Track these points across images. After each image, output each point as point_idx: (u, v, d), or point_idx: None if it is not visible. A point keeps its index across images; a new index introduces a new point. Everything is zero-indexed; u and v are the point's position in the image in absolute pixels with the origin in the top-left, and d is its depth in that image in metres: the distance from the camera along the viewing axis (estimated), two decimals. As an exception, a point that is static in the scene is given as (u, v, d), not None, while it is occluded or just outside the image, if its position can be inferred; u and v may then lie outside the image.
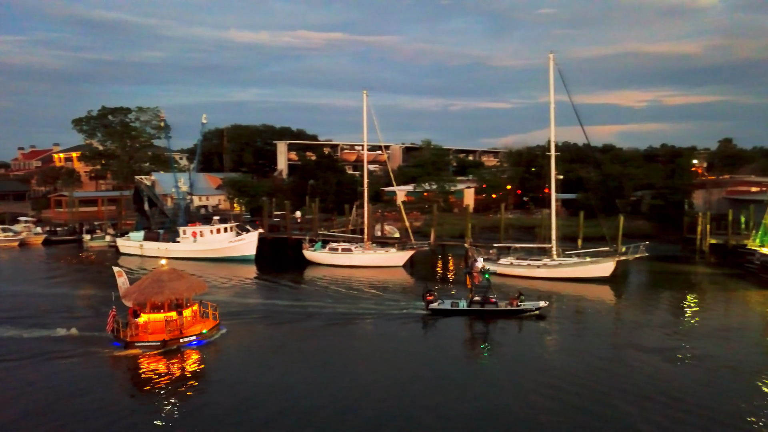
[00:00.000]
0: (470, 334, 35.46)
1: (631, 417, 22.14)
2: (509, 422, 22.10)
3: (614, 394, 24.47)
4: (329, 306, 40.92)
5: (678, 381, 25.94)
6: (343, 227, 71.77)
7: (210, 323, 33.83)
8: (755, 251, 54.30)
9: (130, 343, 30.92)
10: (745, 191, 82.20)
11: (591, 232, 60.58)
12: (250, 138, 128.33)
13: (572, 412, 22.74)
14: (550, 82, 53.12)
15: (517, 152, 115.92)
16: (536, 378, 26.50)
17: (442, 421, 22.09)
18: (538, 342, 33.42)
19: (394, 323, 36.68)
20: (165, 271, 33.02)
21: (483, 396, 24.46)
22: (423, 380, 26.32)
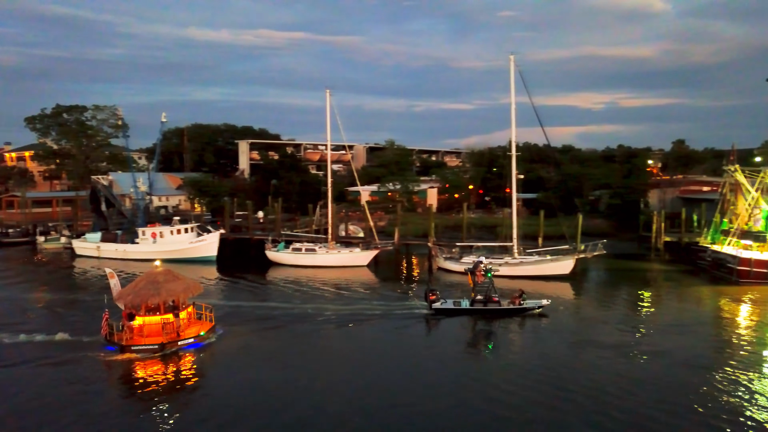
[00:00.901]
0: (473, 334, 35.59)
1: (587, 411, 22.64)
2: (465, 416, 22.35)
3: (572, 389, 24.91)
4: (324, 307, 40.53)
5: (632, 376, 26.51)
6: (306, 227, 71.40)
7: (207, 325, 33.12)
8: (707, 248, 56.26)
9: (126, 347, 30.08)
10: (697, 191, 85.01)
11: (551, 230, 61.80)
12: (211, 137, 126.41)
13: (530, 408, 23.14)
14: (510, 83, 54.03)
15: (479, 153, 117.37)
16: (497, 375, 26.97)
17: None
18: (505, 340, 33.91)
19: (399, 323, 36.73)
20: (160, 272, 32.18)
21: (452, 393, 24.73)
22: (434, 383, 26.23)
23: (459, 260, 55.15)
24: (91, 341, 31.64)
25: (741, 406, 22.96)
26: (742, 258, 49.65)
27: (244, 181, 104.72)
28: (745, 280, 48.61)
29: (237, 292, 47.69)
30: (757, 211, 55.07)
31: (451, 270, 54.85)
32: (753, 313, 39.70)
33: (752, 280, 48.50)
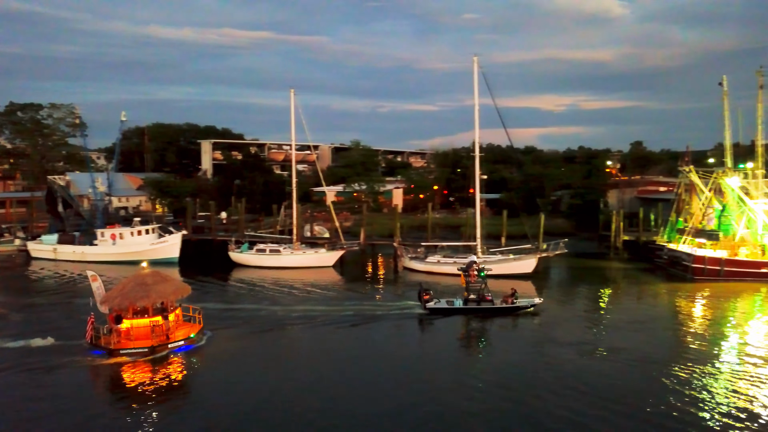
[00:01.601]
0: (466, 332, 35.77)
1: (546, 408, 22.92)
2: (420, 419, 22.46)
3: (532, 387, 25.15)
4: (318, 309, 40.14)
5: (590, 373, 26.90)
6: (271, 228, 70.79)
7: (195, 327, 32.41)
8: (663, 247, 57.94)
9: (114, 351, 29.23)
10: (654, 191, 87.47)
11: (514, 230, 62.79)
12: (173, 137, 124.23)
13: (493, 407, 23.37)
14: (474, 85, 54.66)
15: (444, 154, 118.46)
16: (459, 374, 27.13)
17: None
18: (466, 340, 34.29)
19: (395, 323, 36.73)
20: (147, 273, 31.42)
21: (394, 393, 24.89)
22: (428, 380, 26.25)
23: (424, 260, 55.55)
24: (74, 345, 30.79)
25: (694, 401, 23.56)
26: (696, 256, 51.29)
27: (207, 181, 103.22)
28: (700, 277, 50.24)
29: (202, 294, 46.97)
30: (710, 210, 57.02)
31: (416, 269, 55.17)
32: (706, 309, 41.04)
33: (706, 276, 50.16)
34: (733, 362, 28.42)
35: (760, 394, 24.20)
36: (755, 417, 21.89)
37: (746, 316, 39.26)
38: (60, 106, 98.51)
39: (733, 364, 28.04)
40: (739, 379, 25.84)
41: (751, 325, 36.22)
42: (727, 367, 27.63)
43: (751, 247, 52.13)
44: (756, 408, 22.75)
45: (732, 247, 52.25)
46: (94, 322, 30.48)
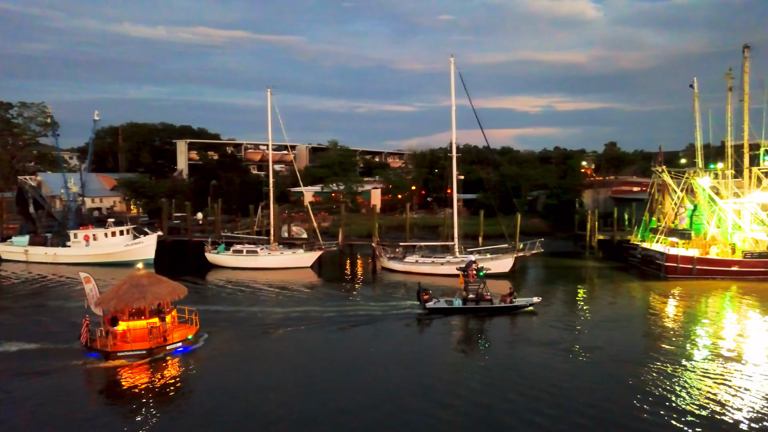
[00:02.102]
0: (466, 332, 35.74)
1: (519, 408, 22.98)
2: (378, 419, 22.49)
3: (506, 387, 25.17)
4: (315, 309, 40.05)
5: (565, 372, 27.04)
6: (247, 229, 70.27)
7: (192, 329, 32.04)
8: (637, 246, 58.95)
9: (111, 354, 28.78)
10: (627, 191, 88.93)
11: (491, 230, 63.26)
12: (147, 137, 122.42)
13: (468, 407, 23.43)
14: (451, 86, 54.98)
15: (421, 154, 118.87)
16: (434, 374, 27.04)
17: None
18: (440, 339, 34.42)
19: (393, 323, 36.66)
20: (143, 275, 31.09)
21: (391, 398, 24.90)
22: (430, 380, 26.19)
23: (402, 260, 55.68)
24: (66, 349, 30.24)
25: (666, 398, 23.91)
26: (669, 255, 52.27)
27: (183, 181, 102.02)
28: (672, 276, 51.21)
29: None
30: (682, 210, 58.16)
31: (394, 270, 55.27)
32: (679, 307, 41.84)
33: (678, 275, 51.15)
34: (704, 361, 28.91)
35: (729, 392, 24.71)
36: (723, 416, 22.32)
37: (717, 313, 40.12)
38: (31, 104, 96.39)
39: (704, 363, 28.52)
40: (709, 378, 26.30)
41: (722, 323, 37.01)
42: (698, 365, 28.03)
43: (722, 245, 53.33)
44: (724, 406, 23.22)
45: (703, 246, 53.39)
46: (89, 324, 30.02)
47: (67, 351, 29.98)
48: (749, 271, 50.67)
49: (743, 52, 55.64)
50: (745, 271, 50.71)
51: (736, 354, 29.76)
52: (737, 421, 21.62)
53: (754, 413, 22.25)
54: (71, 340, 30.95)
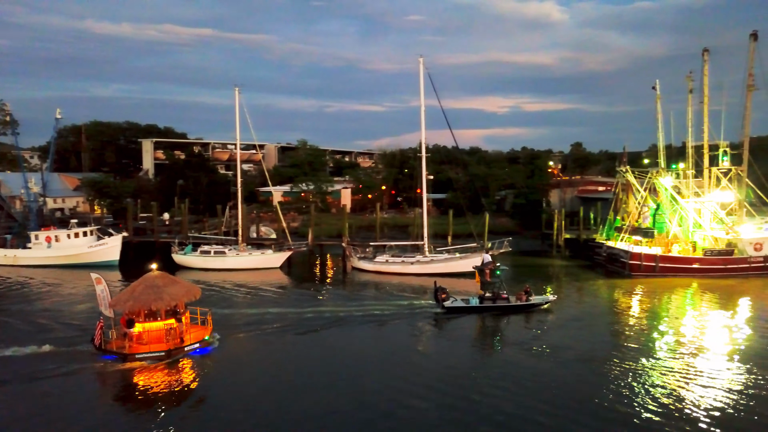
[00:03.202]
0: (481, 330, 35.99)
1: (478, 410, 22.99)
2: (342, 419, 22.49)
3: (469, 387, 25.22)
4: (324, 309, 39.89)
5: (529, 372, 27.12)
6: (215, 229, 69.40)
7: (206, 329, 31.68)
8: (602, 244, 60.11)
9: (129, 356, 28.38)
10: (593, 190, 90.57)
11: (460, 229, 63.77)
12: (112, 135, 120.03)
13: (436, 408, 23.42)
14: (420, 86, 55.24)
15: (391, 154, 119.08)
16: (402, 375, 27.00)
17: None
18: (406, 340, 34.52)
19: (410, 323, 36.65)
20: (157, 275, 30.80)
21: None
22: None
23: (373, 260, 55.71)
24: (78, 351, 29.83)
25: (630, 395, 24.37)
26: (633, 253, 53.43)
27: (149, 181, 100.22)
28: (636, 273, 52.37)
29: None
30: (645, 209, 59.53)
31: (365, 269, 55.27)
32: (643, 304, 42.76)
33: (642, 273, 52.33)
34: (667, 357, 29.52)
35: (690, 388, 25.37)
36: (685, 411, 22.88)
37: (679, 310, 41.14)
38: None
39: (667, 360, 29.11)
40: (672, 374, 26.90)
41: (684, 320, 37.94)
42: (661, 363, 28.56)
43: (683, 244, 54.77)
44: (686, 402, 23.84)
45: (666, 244, 54.76)
46: (103, 326, 29.56)
47: (79, 354, 29.55)
48: (709, 269, 52.13)
49: (703, 55, 57.22)
50: (706, 269, 52.16)
51: (698, 350, 30.57)
52: (700, 415, 22.22)
53: (714, 406, 22.90)
54: (80, 342, 30.73)
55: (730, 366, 27.79)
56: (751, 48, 54.92)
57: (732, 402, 23.33)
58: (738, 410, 22.56)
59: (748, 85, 54.88)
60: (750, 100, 55.08)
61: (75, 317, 38.38)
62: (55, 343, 31.16)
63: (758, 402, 23.31)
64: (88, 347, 29.84)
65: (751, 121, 55.93)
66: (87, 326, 34.10)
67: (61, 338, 32.54)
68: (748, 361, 28.42)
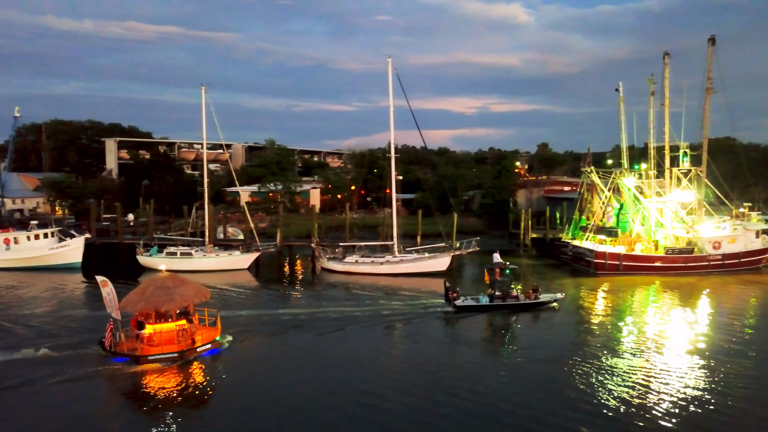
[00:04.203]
0: (492, 329, 36.21)
1: (440, 412, 22.88)
2: None
3: (431, 388, 25.11)
4: (333, 310, 39.70)
5: (491, 373, 27.15)
6: (182, 230, 68.32)
7: (216, 330, 31.35)
8: (568, 243, 61.13)
9: (143, 358, 27.99)
10: (559, 190, 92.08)
11: (428, 229, 64.16)
12: (73, 134, 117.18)
13: (404, 409, 23.52)
14: (389, 86, 55.45)
15: (360, 154, 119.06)
16: (365, 377, 26.86)
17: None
18: (377, 342, 34.54)
19: (422, 322, 36.66)
20: (166, 276, 30.49)
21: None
22: None
23: (342, 260, 55.58)
24: (85, 354, 29.46)
25: (594, 394, 24.73)
26: (597, 252, 54.51)
27: (112, 181, 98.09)
28: (601, 272, 53.43)
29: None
30: (609, 208, 60.79)
31: (334, 270, 55.10)
32: (607, 302, 43.68)
33: (607, 271, 53.42)
34: (630, 354, 30.14)
35: (653, 384, 25.98)
36: (647, 407, 23.39)
37: (642, 307, 42.15)
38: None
39: (630, 356, 29.75)
40: (635, 370, 27.50)
41: (646, 317, 38.92)
42: (625, 359, 29.10)
43: (646, 242, 56.11)
44: (648, 398, 24.42)
45: (629, 243, 56.02)
46: (113, 329, 29.11)
47: (87, 356, 29.13)
48: (671, 267, 53.53)
49: (664, 59, 58.71)
50: (667, 267, 53.54)
51: (659, 346, 31.36)
52: (661, 411, 22.78)
53: (675, 402, 23.51)
54: (85, 345, 30.51)
55: (691, 361, 28.57)
56: (709, 52, 56.60)
57: (693, 395, 24.01)
58: (698, 404, 23.21)
59: (707, 88, 56.57)
60: (708, 102, 56.79)
61: (58, 318, 38.13)
62: (57, 348, 30.47)
63: (717, 395, 24.05)
64: (95, 349, 29.59)
65: (709, 123, 57.73)
66: (72, 328, 34.74)
67: (61, 342, 31.85)
68: (708, 356, 29.31)
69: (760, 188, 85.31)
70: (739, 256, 54.69)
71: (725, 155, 75.55)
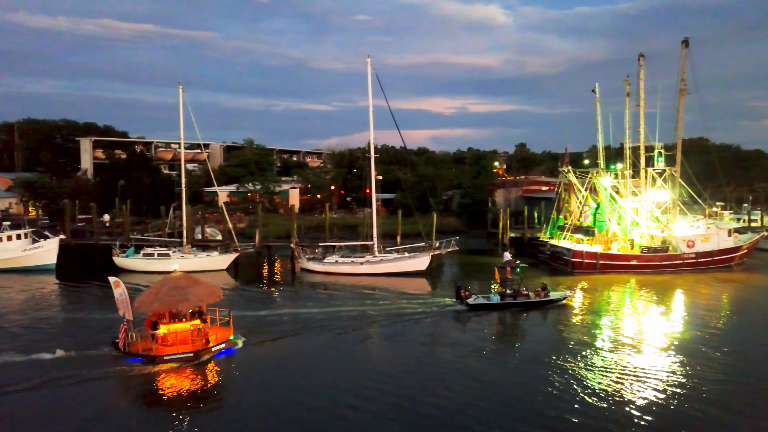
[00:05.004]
0: (503, 327, 36.56)
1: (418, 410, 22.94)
2: None
3: (416, 389, 25.05)
4: (356, 309, 39.86)
5: (471, 372, 27.10)
6: (159, 231, 67.52)
7: (228, 330, 31.16)
8: (546, 242, 61.76)
9: (158, 358, 28.05)
10: (537, 190, 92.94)
11: (408, 229, 64.32)
12: (47, 134, 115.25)
13: (383, 409, 23.33)
14: (368, 85, 55.43)
15: (340, 154, 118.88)
16: (344, 377, 26.77)
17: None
18: (355, 343, 34.54)
19: (434, 321, 36.75)
20: (179, 276, 30.47)
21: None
22: None
23: (322, 260, 55.43)
24: (97, 355, 29.29)
25: (572, 392, 24.96)
26: (575, 251, 55.15)
27: (87, 181, 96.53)
28: (578, 270, 54.08)
29: (79, 303, 44.20)
30: (587, 208, 61.58)
31: (314, 270, 54.94)
32: (584, 299, 44.09)
33: (584, 270, 54.08)
34: (606, 351, 30.48)
35: (628, 381, 26.36)
36: (621, 405, 23.72)
37: (618, 305, 42.79)
38: None
39: (606, 353, 30.09)
40: (611, 368, 27.84)
41: (622, 315, 39.50)
42: (600, 356, 29.43)
43: (622, 241, 56.93)
44: (623, 395, 24.78)
45: (606, 242, 56.77)
46: (127, 329, 28.89)
47: (99, 357, 28.96)
48: (646, 265, 54.42)
49: (639, 60, 59.62)
50: (643, 265, 54.41)
51: (635, 343, 31.82)
52: (637, 409, 23.14)
53: (649, 400, 23.92)
54: (96, 346, 30.34)
55: (665, 359, 29.06)
56: (683, 54, 57.66)
57: (668, 393, 24.44)
58: (672, 400, 23.64)
59: (681, 89, 57.62)
60: (682, 103, 57.86)
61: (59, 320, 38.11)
62: (63, 348, 30.16)
63: (691, 392, 24.51)
64: (107, 351, 29.47)
65: (683, 123, 58.81)
66: (64, 330, 34.67)
67: (68, 342, 31.49)
68: (683, 353, 29.84)
69: (732, 188, 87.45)
70: (712, 255, 55.81)
71: (698, 155, 76.97)
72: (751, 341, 32.37)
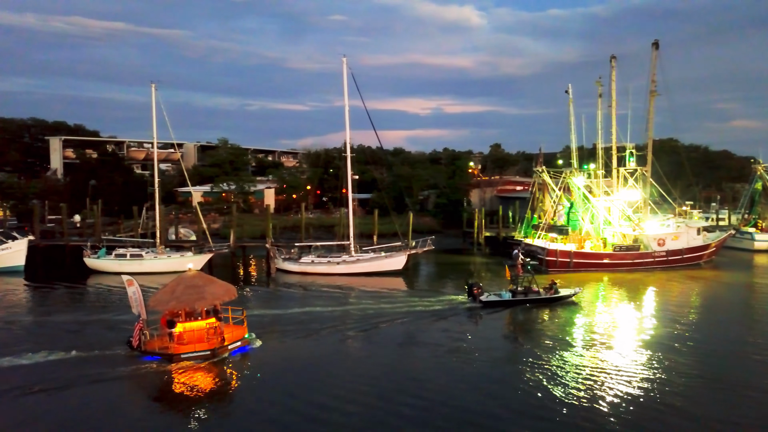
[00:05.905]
0: (514, 324, 36.90)
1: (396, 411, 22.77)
2: None
3: (394, 390, 24.85)
4: (368, 307, 40.00)
5: (440, 375, 26.69)
6: (131, 231, 66.49)
7: (243, 328, 31.29)
8: (520, 241, 62.30)
9: (176, 356, 28.00)
10: (511, 190, 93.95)
11: (385, 228, 64.44)
12: (15, 133, 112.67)
13: (367, 409, 23.26)
14: (344, 85, 55.36)
15: (315, 154, 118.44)
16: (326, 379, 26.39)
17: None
18: (334, 343, 34.46)
19: (449, 319, 36.82)
20: (194, 275, 30.36)
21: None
22: None
23: (298, 261, 55.18)
24: (112, 354, 29.16)
25: (544, 391, 25.16)
26: (549, 249, 55.82)
27: (57, 181, 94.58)
28: (553, 269, 54.72)
29: (48, 305, 43.26)
30: (560, 207, 62.36)
31: (290, 271, 54.65)
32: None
33: (558, 268, 54.74)
34: (579, 349, 30.87)
35: (600, 378, 26.68)
36: (595, 404, 24.03)
37: (592, 302, 43.23)
38: None
39: (579, 351, 30.48)
40: (584, 365, 28.13)
41: (595, 313, 39.88)
42: (573, 354, 29.75)
43: (595, 240, 57.78)
44: (596, 392, 25.13)
45: (579, 241, 57.56)
46: (142, 328, 28.66)
47: (115, 357, 28.79)
48: (618, 263, 55.33)
49: (611, 62, 60.59)
50: (615, 263, 55.31)
51: (607, 340, 32.28)
52: (609, 406, 23.49)
53: (623, 396, 24.30)
54: (110, 345, 30.26)
55: (636, 356, 29.50)
56: (654, 56, 58.75)
57: (638, 390, 24.84)
58: (642, 394, 24.06)
59: (651, 90, 58.68)
60: (653, 104, 58.93)
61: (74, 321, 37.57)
62: (76, 348, 29.87)
63: (663, 387, 24.95)
64: (122, 350, 29.23)
65: (653, 124, 59.93)
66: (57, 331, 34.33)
67: (77, 342, 31.19)
68: (654, 348, 30.38)
69: (701, 187, 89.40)
70: (682, 253, 56.99)
71: (668, 155, 78.54)
72: (718, 336, 33.24)
